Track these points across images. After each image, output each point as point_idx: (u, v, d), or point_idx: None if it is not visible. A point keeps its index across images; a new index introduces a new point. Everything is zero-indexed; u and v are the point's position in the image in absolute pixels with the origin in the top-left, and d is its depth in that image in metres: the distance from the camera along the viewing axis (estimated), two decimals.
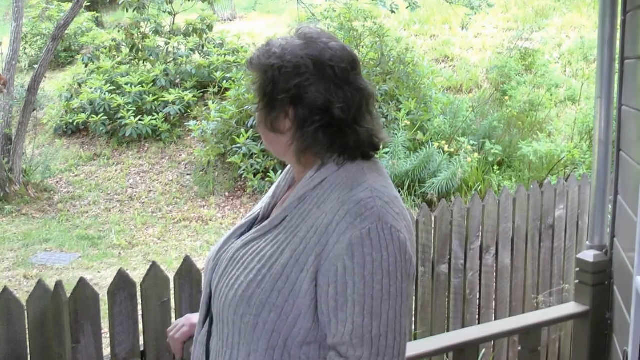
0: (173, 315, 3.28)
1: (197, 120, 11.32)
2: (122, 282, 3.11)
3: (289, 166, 1.96)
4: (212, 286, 1.85)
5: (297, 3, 11.43)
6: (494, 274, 4.52)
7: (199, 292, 3.20)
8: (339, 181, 1.74)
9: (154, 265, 3.21)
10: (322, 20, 11.55)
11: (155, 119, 11.82)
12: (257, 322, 1.68)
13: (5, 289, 2.93)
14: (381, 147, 1.86)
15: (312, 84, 1.72)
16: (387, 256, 1.62)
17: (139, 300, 3.19)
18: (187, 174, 11.06)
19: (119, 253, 8.75)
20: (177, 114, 12.01)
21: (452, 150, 9.66)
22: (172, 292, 3.27)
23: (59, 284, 3.00)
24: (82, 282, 3.04)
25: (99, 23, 17.30)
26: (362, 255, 1.61)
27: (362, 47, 11.41)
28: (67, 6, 15.34)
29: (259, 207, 1.99)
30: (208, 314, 1.89)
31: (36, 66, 11.47)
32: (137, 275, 7.30)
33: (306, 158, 1.79)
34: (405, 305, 1.66)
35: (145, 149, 11.83)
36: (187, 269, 3.27)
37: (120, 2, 13.07)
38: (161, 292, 3.20)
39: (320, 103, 1.73)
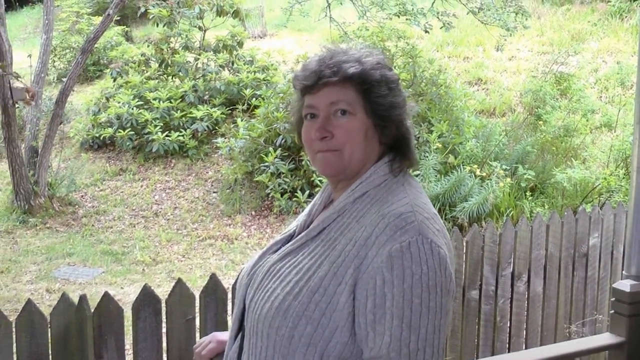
0: (197, 333, 3.26)
1: (225, 138, 11.21)
2: (147, 298, 3.10)
3: (324, 185, 1.97)
4: (246, 300, 1.84)
5: (329, 21, 11.28)
6: (526, 301, 4.46)
7: (225, 310, 3.28)
8: (380, 196, 1.74)
9: (179, 282, 3.18)
10: (355, 39, 11.40)
11: (183, 135, 11.73)
12: (293, 335, 1.64)
13: (29, 301, 2.95)
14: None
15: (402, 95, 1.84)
16: (427, 270, 1.59)
17: (164, 317, 3.17)
18: (214, 192, 10.94)
19: (143, 269, 8.65)
20: (205, 130, 11.91)
21: (484, 174, 9.44)
22: (197, 310, 3.25)
23: (83, 298, 3.00)
24: (106, 296, 3.03)
25: (128, 37, 17.33)
26: (402, 268, 1.58)
27: (395, 67, 11.21)
28: (97, 20, 15.37)
29: (294, 225, 1.96)
30: (240, 329, 1.87)
31: (65, 79, 11.42)
32: (161, 292, 7.13)
33: (363, 167, 1.80)
34: (444, 321, 1.63)
35: (172, 165, 11.73)
36: (213, 287, 3.25)
37: (150, 17, 13.06)
38: (186, 309, 3.19)
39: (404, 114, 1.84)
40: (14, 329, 2.93)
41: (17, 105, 10.79)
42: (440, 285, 1.60)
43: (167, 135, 11.66)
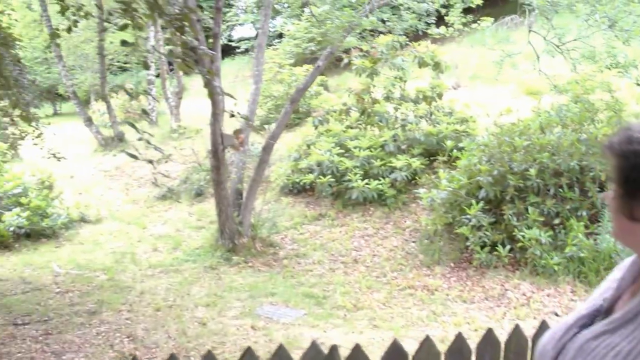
0: None
1: (425, 188, 11.21)
2: (394, 352, 3.01)
3: (633, 257, 1.86)
4: None
5: (538, 73, 11.14)
6: None
7: None
8: None
9: (427, 340, 3.10)
10: (562, 93, 11.16)
11: (382, 184, 11.87)
12: None
13: (281, 346, 2.95)
14: None
15: None
16: None
17: None
18: (412, 241, 10.94)
19: (344, 315, 8.63)
20: (404, 180, 11.98)
21: None
22: None
23: (334, 348, 2.97)
24: (356, 349, 2.98)
25: (325, 87, 17.83)
26: None
27: (597, 122, 10.88)
28: (298, 70, 15.95)
29: (599, 298, 1.90)
30: None
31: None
32: (365, 339, 7.19)
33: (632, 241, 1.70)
34: None
35: (370, 212, 11.89)
36: (459, 346, 3.16)
37: (353, 68, 13.38)
38: None
39: None
40: None
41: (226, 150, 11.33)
42: None
43: (366, 184, 11.84)
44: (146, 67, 6.79)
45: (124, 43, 5.41)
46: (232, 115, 6.24)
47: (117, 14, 5.37)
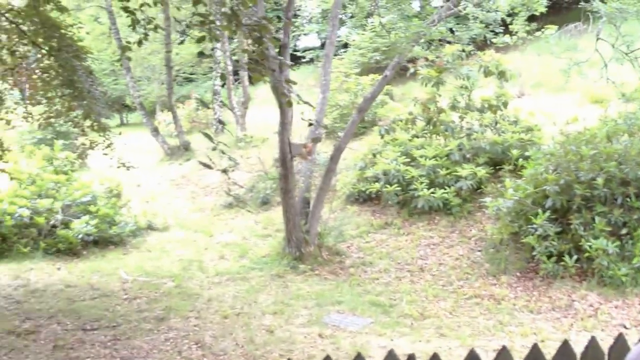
0: None
1: (491, 197, 11.20)
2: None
3: None
4: None
5: (606, 81, 11.02)
6: None
7: None
8: None
9: (504, 350, 3.03)
10: (630, 101, 11.04)
11: (447, 193, 11.91)
12: None
13: (359, 354, 2.92)
14: None
15: None
16: None
17: None
18: (478, 250, 10.93)
19: (411, 323, 8.67)
20: (469, 189, 12.00)
21: None
22: None
23: (411, 358, 2.92)
24: (434, 358, 2.91)
25: (390, 96, 17.89)
26: None
27: None
28: (364, 80, 16.04)
29: None
30: None
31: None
32: (432, 348, 7.20)
33: None
34: None
35: (436, 221, 11.92)
36: (534, 357, 3.05)
37: (419, 77, 13.43)
38: None
39: None
40: None
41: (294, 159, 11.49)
42: None
43: (432, 192, 11.90)
44: (224, 78, 6.96)
45: (200, 54, 5.57)
46: (311, 124, 6.34)
47: (194, 26, 5.55)
